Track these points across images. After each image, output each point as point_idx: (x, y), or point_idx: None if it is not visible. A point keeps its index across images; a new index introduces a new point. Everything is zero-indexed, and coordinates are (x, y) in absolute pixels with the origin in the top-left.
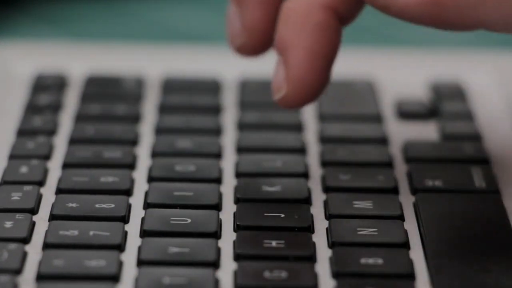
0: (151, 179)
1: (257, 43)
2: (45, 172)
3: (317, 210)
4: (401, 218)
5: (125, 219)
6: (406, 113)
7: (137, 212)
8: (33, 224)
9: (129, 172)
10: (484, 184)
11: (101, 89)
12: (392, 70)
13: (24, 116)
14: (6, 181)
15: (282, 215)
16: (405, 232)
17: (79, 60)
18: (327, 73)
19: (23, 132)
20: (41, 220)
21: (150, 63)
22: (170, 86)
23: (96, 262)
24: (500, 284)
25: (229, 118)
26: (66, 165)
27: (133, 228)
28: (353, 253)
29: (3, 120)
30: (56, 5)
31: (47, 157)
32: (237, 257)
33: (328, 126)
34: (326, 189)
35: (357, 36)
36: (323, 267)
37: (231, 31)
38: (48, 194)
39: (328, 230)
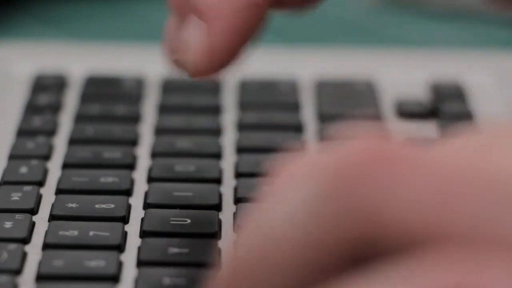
0: (151, 179)
1: (213, 67)
2: (45, 172)
3: None
4: None
5: (125, 220)
6: (406, 113)
7: (137, 213)
8: (33, 224)
9: (129, 172)
10: None
11: (101, 89)
12: (392, 70)
13: (24, 116)
14: (6, 181)
15: None
16: None
17: (79, 60)
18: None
19: (23, 132)
20: (41, 220)
21: (150, 63)
22: (170, 86)
23: (96, 262)
24: None
25: (229, 118)
26: (66, 165)
27: (133, 228)
28: None
29: (3, 120)
30: (56, 5)
31: (47, 157)
32: None
33: (328, 126)
34: None
35: (357, 36)
36: None
37: (176, 43)
38: (48, 194)
39: None
